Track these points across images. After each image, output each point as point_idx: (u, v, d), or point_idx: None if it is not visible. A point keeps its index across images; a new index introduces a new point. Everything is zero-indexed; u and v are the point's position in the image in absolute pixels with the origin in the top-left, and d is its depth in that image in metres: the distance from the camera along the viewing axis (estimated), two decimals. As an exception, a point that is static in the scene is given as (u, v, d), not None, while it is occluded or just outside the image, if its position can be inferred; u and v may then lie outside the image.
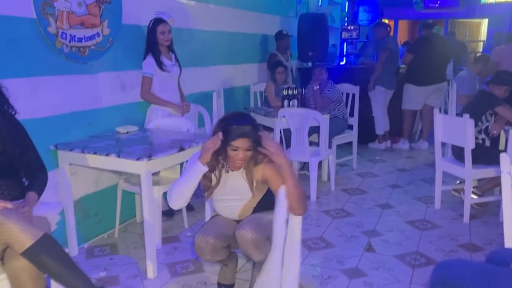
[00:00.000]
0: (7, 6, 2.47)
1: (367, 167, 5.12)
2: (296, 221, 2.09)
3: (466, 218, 3.47)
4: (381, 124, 5.88)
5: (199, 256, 2.25)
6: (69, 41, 2.85)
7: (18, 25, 2.54)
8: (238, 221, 2.36)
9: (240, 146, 2.08)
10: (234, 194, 2.26)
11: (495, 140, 3.86)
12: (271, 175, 2.13)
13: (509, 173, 1.74)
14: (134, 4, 3.37)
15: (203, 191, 2.31)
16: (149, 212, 2.61)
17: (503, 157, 1.92)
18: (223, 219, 2.38)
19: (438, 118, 3.61)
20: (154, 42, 3.33)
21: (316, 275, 2.69)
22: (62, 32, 2.79)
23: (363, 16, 8.27)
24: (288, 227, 2.06)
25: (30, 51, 2.63)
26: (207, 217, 2.91)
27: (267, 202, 2.25)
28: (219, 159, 2.19)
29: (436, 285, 1.60)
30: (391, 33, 6.23)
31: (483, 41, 11.67)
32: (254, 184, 2.20)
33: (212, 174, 2.22)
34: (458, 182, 4.12)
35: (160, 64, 3.32)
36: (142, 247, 3.04)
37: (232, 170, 2.20)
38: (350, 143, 4.97)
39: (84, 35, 2.95)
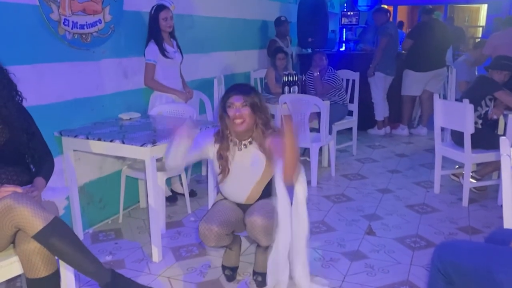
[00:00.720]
0: (10, -8, 2.48)
1: (366, 152, 5.16)
2: (300, 189, 2.17)
3: (465, 202, 3.53)
4: (381, 110, 5.91)
5: (204, 243, 2.30)
6: (72, 28, 2.86)
7: (21, 11, 2.55)
8: (241, 206, 2.41)
9: (233, 102, 2.20)
10: (246, 172, 2.31)
11: (494, 124, 3.90)
12: (274, 146, 2.21)
13: (509, 156, 1.78)
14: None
15: (205, 177, 2.37)
16: (154, 197, 2.65)
17: (502, 140, 1.96)
18: (226, 205, 2.41)
19: (438, 104, 3.64)
20: (156, 28, 3.33)
21: (318, 257, 2.74)
22: (65, 19, 2.80)
23: (362, 1, 8.23)
24: (294, 198, 2.16)
25: (33, 38, 2.64)
26: (210, 203, 2.96)
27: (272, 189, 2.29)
28: (230, 138, 2.29)
29: (437, 264, 1.65)
30: (391, 19, 6.23)
31: (483, 26, 11.64)
32: (266, 154, 2.27)
33: (227, 154, 2.30)
34: (457, 166, 4.16)
35: (163, 51, 3.33)
36: (146, 232, 3.08)
37: (238, 137, 2.27)
38: (350, 129, 5.00)
39: (86, 22, 2.96)
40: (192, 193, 3.68)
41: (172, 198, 3.68)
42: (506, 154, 1.80)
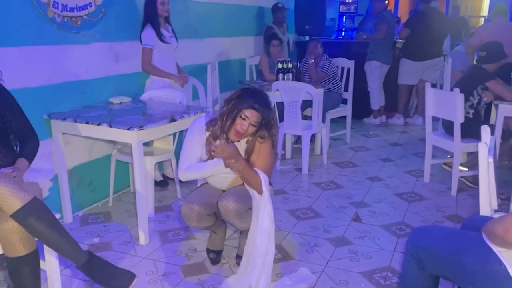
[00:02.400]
0: (-3, -26, 2.47)
1: (360, 141, 5.17)
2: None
3: (453, 191, 3.54)
4: (376, 99, 5.90)
5: (186, 222, 2.32)
6: (61, 11, 2.85)
7: (8, -7, 2.55)
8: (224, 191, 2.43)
9: (249, 117, 2.15)
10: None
11: (486, 114, 3.90)
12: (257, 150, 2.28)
13: (486, 143, 1.79)
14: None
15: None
16: (141, 180, 2.67)
17: (484, 128, 1.97)
18: (210, 188, 2.44)
19: (429, 92, 3.63)
20: (153, 12, 3.32)
21: (302, 243, 2.77)
22: (54, 1, 2.79)
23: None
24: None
25: (22, 20, 2.63)
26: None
27: None
28: (221, 133, 2.25)
29: (410, 250, 1.67)
30: (390, 7, 6.18)
31: (484, 16, 11.53)
32: (250, 158, 2.28)
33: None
34: (449, 156, 4.17)
35: (160, 35, 3.32)
36: (135, 215, 3.11)
37: (230, 141, 2.24)
38: (345, 117, 5.01)
39: (76, 5, 2.95)
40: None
41: (163, 183, 3.71)
42: (484, 142, 1.81)
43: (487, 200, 1.80)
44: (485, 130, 1.96)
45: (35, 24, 2.72)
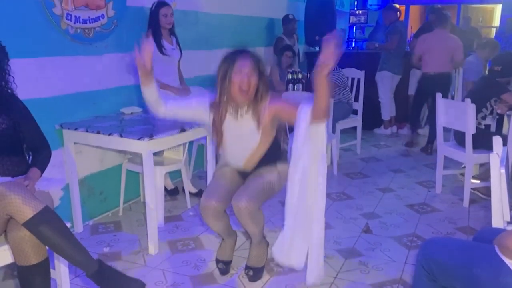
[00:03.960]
0: (13, -13, 2.53)
1: (371, 152, 5.14)
2: (320, 132, 2.10)
3: (465, 202, 3.50)
4: (387, 109, 5.88)
5: (203, 217, 2.34)
6: (74, 23, 2.90)
7: (24, 6, 2.60)
8: (242, 174, 2.42)
9: (242, 68, 2.11)
10: (241, 141, 2.30)
11: (499, 125, 3.86)
12: (279, 108, 2.22)
13: (498, 154, 1.77)
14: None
15: (204, 171, 2.40)
16: (150, 190, 2.68)
17: (495, 138, 1.95)
18: (227, 176, 2.41)
19: (440, 103, 3.61)
20: (156, 25, 3.36)
21: (312, 254, 2.74)
22: (67, 14, 2.84)
23: (372, 0, 8.18)
24: (311, 143, 2.10)
25: (36, 32, 2.69)
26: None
27: (272, 154, 2.33)
28: (227, 106, 2.23)
29: (421, 262, 1.65)
30: (401, 18, 6.18)
31: (496, 27, 11.46)
32: (262, 123, 2.23)
33: (223, 123, 2.28)
34: (463, 166, 4.12)
35: (160, 48, 3.35)
36: (145, 225, 3.10)
37: (239, 105, 2.20)
38: (355, 127, 4.99)
39: (89, 17, 3.01)
40: (199, 193, 3.68)
41: (174, 192, 3.72)
42: (496, 153, 1.79)
43: (500, 211, 1.77)
44: (497, 140, 1.94)
45: (49, 35, 2.77)
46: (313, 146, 2.11)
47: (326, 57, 1.87)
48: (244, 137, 2.30)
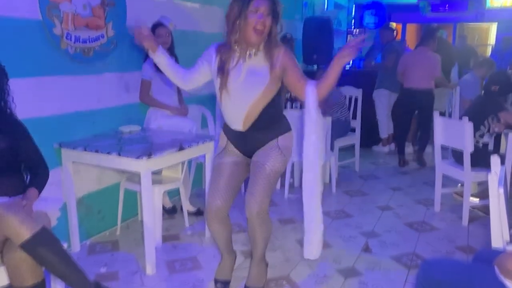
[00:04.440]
0: (14, 8, 2.56)
1: (369, 169, 5.14)
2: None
3: (465, 220, 3.49)
4: (385, 127, 5.90)
5: (208, 222, 2.36)
6: (74, 42, 2.93)
7: (24, 26, 2.63)
8: (243, 156, 2.38)
9: (259, 7, 2.06)
10: (247, 85, 2.19)
11: (497, 143, 3.88)
12: (291, 64, 2.19)
13: (496, 174, 1.77)
14: (139, 7, 3.44)
15: (203, 189, 2.39)
16: (148, 209, 2.67)
17: (493, 157, 1.95)
18: (227, 170, 2.34)
19: (438, 121, 3.63)
20: None
21: (311, 274, 2.73)
22: (67, 34, 2.87)
23: (369, 19, 8.28)
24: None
25: (36, 51, 2.71)
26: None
27: (273, 115, 2.28)
28: (236, 46, 2.19)
29: (422, 283, 1.64)
30: (398, 37, 6.25)
31: (492, 45, 11.60)
32: (274, 67, 2.16)
33: (230, 64, 2.22)
34: (459, 185, 4.13)
35: (158, 67, 3.37)
36: (142, 244, 3.07)
37: (251, 45, 2.15)
38: (354, 145, 5.00)
39: (89, 37, 3.03)
40: (199, 212, 3.66)
41: (172, 210, 3.70)
42: (494, 172, 1.79)
43: (499, 231, 1.77)
44: (494, 160, 1.94)
45: (49, 55, 2.79)
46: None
47: (351, 49, 2.02)
48: (250, 81, 2.19)
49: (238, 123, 2.29)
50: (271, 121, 2.29)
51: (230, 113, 2.30)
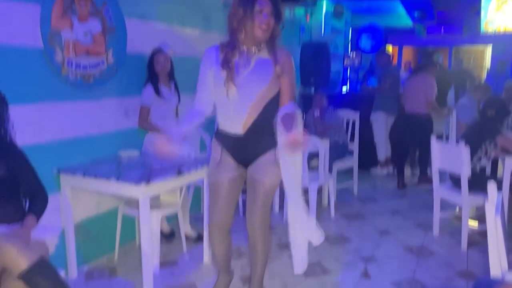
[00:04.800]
0: (17, 37, 2.60)
1: (368, 192, 5.14)
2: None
3: (464, 245, 3.48)
4: (383, 150, 5.93)
5: (211, 238, 2.44)
6: (75, 69, 2.96)
7: (26, 54, 2.67)
8: (241, 160, 2.35)
9: (263, 8, 2.11)
10: (252, 81, 2.20)
11: (494, 167, 3.90)
12: (288, 70, 2.25)
13: (493, 202, 1.78)
14: (139, 33, 3.50)
15: (201, 213, 2.41)
16: (146, 235, 2.66)
17: (490, 184, 1.96)
18: (224, 188, 2.35)
19: (435, 145, 3.65)
20: (152, 71, 3.46)
21: (310, 300, 2.70)
22: (68, 60, 2.91)
23: (365, 43, 8.40)
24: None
25: (37, 78, 2.74)
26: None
27: (271, 119, 2.29)
28: (240, 45, 2.21)
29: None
30: (395, 60, 6.34)
31: (488, 68, 11.75)
32: (278, 62, 2.21)
33: (233, 61, 2.22)
34: (458, 209, 4.12)
35: (158, 92, 3.42)
36: (140, 270, 3.05)
37: (258, 36, 2.16)
38: (352, 167, 5.01)
39: (89, 63, 3.07)
40: (199, 238, 3.63)
41: (170, 235, 3.68)
42: (491, 200, 1.80)
43: (497, 260, 1.77)
44: (491, 187, 1.95)
45: (49, 82, 2.82)
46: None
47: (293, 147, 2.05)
48: (259, 71, 2.21)
49: (239, 124, 2.25)
50: (269, 126, 2.29)
51: (232, 111, 2.24)
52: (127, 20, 3.33)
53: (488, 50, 12.00)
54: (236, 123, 2.26)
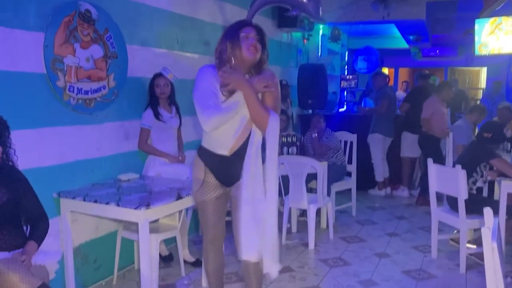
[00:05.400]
0: (20, 63, 2.66)
1: (366, 214, 5.15)
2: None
3: (462, 268, 3.48)
4: (381, 171, 5.96)
5: (205, 254, 2.52)
6: (76, 94, 3.01)
7: (29, 80, 2.71)
8: (225, 188, 2.40)
9: (249, 33, 2.22)
10: (245, 107, 2.22)
11: (491, 188, 3.93)
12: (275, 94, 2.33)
13: (489, 228, 1.80)
14: (140, 58, 3.57)
15: (199, 235, 2.42)
16: (145, 259, 2.67)
17: (486, 210, 1.99)
18: (211, 206, 2.40)
19: (432, 168, 3.69)
20: (152, 94, 3.52)
21: (310, 325, 2.70)
22: (70, 86, 2.95)
23: (361, 65, 8.53)
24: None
25: (39, 103, 2.78)
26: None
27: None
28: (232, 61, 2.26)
29: None
30: (391, 83, 6.43)
31: (483, 88, 11.89)
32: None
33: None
34: (455, 232, 4.13)
35: (157, 115, 3.47)
36: (139, 294, 3.07)
37: (245, 62, 2.24)
38: (350, 189, 5.03)
39: (91, 88, 3.12)
40: (197, 262, 3.62)
41: (168, 258, 3.68)
42: (487, 227, 1.82)
43: (495, 285, 1.78)
44: (487, 212, 1.98)
45: (51, 106, 2.86)
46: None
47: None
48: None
49: (227, 146, 2.29)
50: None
51: (222, 133, 2.26)
52: (128, 46, 3.40)
53: (483, 71, 12.17)
54: (224, 144, 2.30)
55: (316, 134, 4.87)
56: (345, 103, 7.90)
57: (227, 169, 2.34)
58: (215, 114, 2.14)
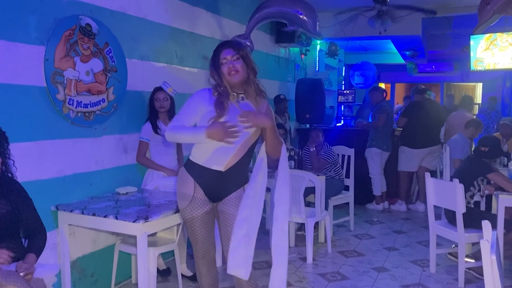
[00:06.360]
0: (20, 76, 2.67)
1: (364, 228, 5.14)
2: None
3: (461, 282, 3.47)
4: (378, 185, 5.97)
5: (198, 269, 2.54)
6: (76, 107, 3.02)
7: (29, 93, 2.73)
8: (211, 202, 2.44)
9: (226, 57, 2.30)
10: (241, 126, 2.29)
11: (489, 202, 3.94)
12: (269, 116, 2.37)
13: (488, 241, 1.81)
14: (140, 71, 3.59)
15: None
16: (143, 273, 2.65)
17: (484, 224, 2.00)
18: (198, 222, 2.42)
19: (430, 182, 3.70)
20: (152, 108, 3.54)
21: None
22: (70, 99, 2.97)
23: (358, 80, 8.60)
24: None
25: (39, 116, 2.79)
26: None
27: (248, 159, 2.46)
28: (227, 90, 2.34)
29: None
30: (388, 97, 6.48)
31: (478, 104, 11.98)
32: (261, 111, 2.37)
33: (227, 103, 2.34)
34: (453, 246, 4.13)
35: (156, 129, 3.49)
36: (136, 309, 3.04)
37: (233, 84, 2.33)
38: (348, 203, 5.03)
39: (90, 101, 3.13)
40: (195, 277, 3.58)
41: (166, 272, 3.65)
42: (486, 239, 1.83)
43: (494, 299, 1.78)
44: (486, 226, 1.99)
45: (50, 120, 2.87)
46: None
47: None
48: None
49: (222, 162, 2.34)
50: (246, 166, 2.45)
51: (218, 151, 2.32)
52: (128, 60, 3.42)
53: (479, 87, 12.28)
54: (221, 160, 2.34)
55: (314, 148, 4.89)
56: (342, 118, 7.96)
57: (219, 185, 2.39)
58: (172, 130, 2.34)
